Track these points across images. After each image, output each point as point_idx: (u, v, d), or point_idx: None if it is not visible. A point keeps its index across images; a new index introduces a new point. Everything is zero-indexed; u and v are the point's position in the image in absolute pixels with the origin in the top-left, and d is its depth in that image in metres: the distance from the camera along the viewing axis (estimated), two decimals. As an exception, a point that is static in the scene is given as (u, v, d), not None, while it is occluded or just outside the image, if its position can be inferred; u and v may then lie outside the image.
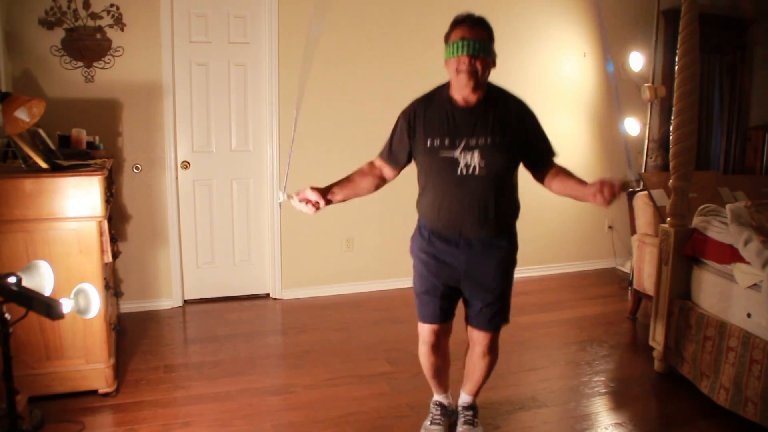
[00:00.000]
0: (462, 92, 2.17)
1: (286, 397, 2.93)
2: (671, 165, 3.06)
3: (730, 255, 2.78)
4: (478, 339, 2.44)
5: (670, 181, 3.09)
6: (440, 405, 2.64)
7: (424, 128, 2.23)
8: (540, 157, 2.30)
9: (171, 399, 2.89)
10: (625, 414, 2.82)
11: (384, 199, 4.49)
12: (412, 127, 2.26)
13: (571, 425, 2.72)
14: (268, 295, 4.42)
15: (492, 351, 2.47)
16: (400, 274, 4.62)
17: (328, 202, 2.32)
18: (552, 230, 5.03)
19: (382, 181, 2.41)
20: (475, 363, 2.51)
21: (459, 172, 2.17)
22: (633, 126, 5.00)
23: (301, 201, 2.28)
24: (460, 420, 2.61)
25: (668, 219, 3.13)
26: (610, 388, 3.08)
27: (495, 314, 2.38)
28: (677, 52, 2.96)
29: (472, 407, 2.62)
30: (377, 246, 4.58)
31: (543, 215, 4.87)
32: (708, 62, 5.14)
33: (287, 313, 4.16)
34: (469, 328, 2.46)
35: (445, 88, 2.26)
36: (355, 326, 3.88)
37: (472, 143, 2.16)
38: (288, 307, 4.26)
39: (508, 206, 2.31)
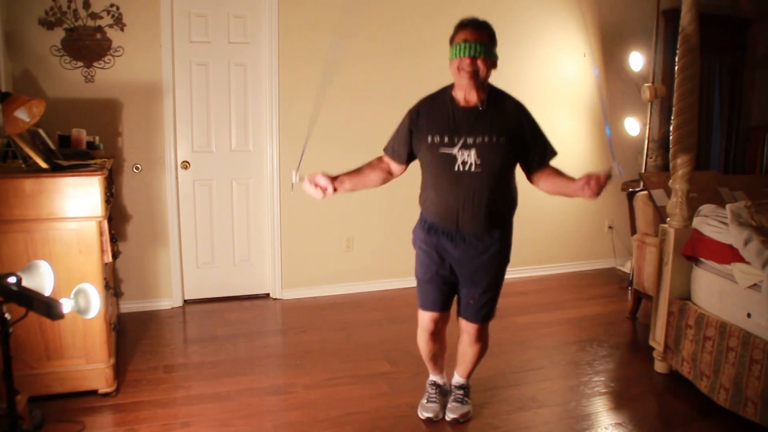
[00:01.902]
0: (463, 91, 2.31)
1: (286, 397, 2.93)
2: (671, 165, 3.06)
3: (730, 255, 2.78)
4: (466, 329, 2.60)
5: (670, 181, 3.09)
6: (435, 385, 2.81)
7: (427, 125, 2.36)
8: (536, 158, 2.41)
9: (171, 399, 2.89)
10: (625, 414, 2.82)
11: (384, 199, 4.50)
12: (415, 124, 2.41)
13: (571, 425, 2.72)
14: (268, 295, 4.42)
15: (480, 339, 2.62)
16: (400, 274, 4.63)
17: (336, 189, 2.44)
18: (552, 230, 5.03)
19: (389, 175, 2.56)
20: (466, 350, 2.68)
21: (456, 168, 2.31)
22: (633, 126, 5.00)
23: (311, 184, 2.40)
24: (451, 398, 2.77)
25: (668, 219, 3.13)
26: (610, 388, 3.08)
27: (481, 308, 2.52)
28: (677, 52, 2.96)
29: (463, 387, 2.78)
30: (377, 246, 4.58)
31: (543, 215, 4.87)
32: (708, 62, 5.14)
33: (287, 313, 4.16)
34: (460, 319, 2.60)
35: (449, 88, 2.41)
36: (355, 326, 3.88)
37: (470, 142, 2.29)
38: (288, 307, 4.26)
39: (503, 202, 2.42)
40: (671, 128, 3.05)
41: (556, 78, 4.86)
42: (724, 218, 2.89)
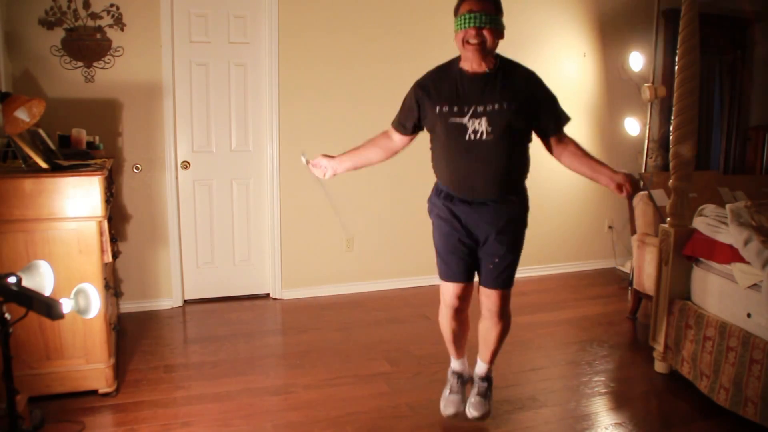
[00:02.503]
0: (470, 62, 2.27)
1: (286, 397, 2.93)
2: (671, 165, 3.06)
3: (730, 255, 2.78)
4: (488, 298, 2.51)
5: (670, 181, 3.09)
6: (458, 374, 2.75)
7: (436, 96, 2.33)
8: (549, 124, 2.38)
9: (171, 399, 2.89)
10: (625, 414, 2.82)
11: (384, 199, 4.50)
12: (421, 96, 2.38)
13: (571, 425, 2.72)
14: (268, 295, 4.42)
15: (503, 316, 2.55)
16: (400, 274, 4.63)
17: (337, 172, 2.52)
18: (552, 230, 5.03)
19: (391, 150, 2.55)
20: (488, 329, 2.59)
21: (467, 137, 2.27)
22: (633, 126, 5.00)
23: (314, 166, 2.50)
24: (474, 390, 2.70)
25: (668, 219, 3.13)
26: (610, 388, 3.08)
27: (501, 272, 2.45)
28: (677, 52, 2.96)
29: (487, 378, 2.71)
30: (377, 246, 4.58)
31: (542, 215, 4.87)
32: (708, 62, 5.14)
33: (287, 313, 4.16)
34: (481, 290, 2.52)
35: (457, 59, 2.36)
36: (355, 326, 3.88)
37: (480, 110, 2.25)
38: (288, 307, 4.26)
39: (517, 168, 2.40)
40: (671, 128, 3.05)
41: (556, 78, 4.86)
42: (724, 218, 2.89)
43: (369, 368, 3.25)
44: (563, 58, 4.88)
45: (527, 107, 2.30)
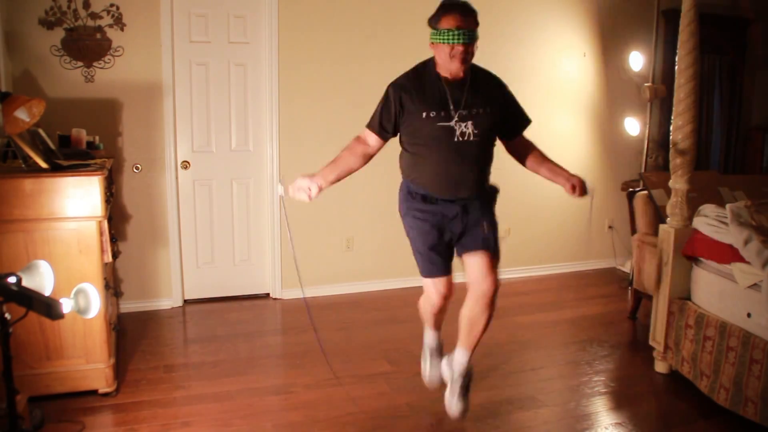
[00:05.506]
0: (451, 72, 2.37)
1: (286, 397, 2.94)
2: (671, 165, 3.07)
3: (730, 255, 2.78)
4: (477, 262, 2.50)
5: (670, 181, 3.09)
6: (436, 349, 2.90)
7: (420, 101, 2.40)
8: (517, 125, 2.58)
9: (171, 399, 2.90)
10: (625, 414, 2.82)
11: (384, 199, 4.49)
12: (404, 98, 2.43)
13: (571, 425, 2.72)
14: (268, 295, 4.42)
15: (492, 278, 2.50)
16: (400, 274, 4.62)
17: (321, 187, 2.45)
18: (552, 230, 5.03)
19: (368, 155, 2.54)
20: (476, 315, 2.55)
21: (456, 139, 2.40)
22: (633, 126, 5.01)
23: (298, 190, 2.41)
24: (456, 388, 2.66)
25: (668, 219, 3.14)
26: (610, 388, 3.08)
27: (488, 237, 2.51)
28: (677, 52, 2.97)
29: (468, 374, 2.67)
30: (377, 246, 4.57)
31: (543, 215, 4.87)
32: (708, 62, 5.14)
33: (287, 313, 4.16)
34: (468, 258, 2.53)
35: (430, 63, 2.47)
36: (355, 326, 3.88)
37: (465, 113, 2.39)
38: (288, 307, 4.26)
39: (489, 165, 2.58)
40: (671, 128, 3.05)
41: (556, 78, 4.86)
42: (724, 218, 2.89)
43: (369, 368, 3.25)
44: (563, 58, 4.88)
45: (501, 110, 2.49)
